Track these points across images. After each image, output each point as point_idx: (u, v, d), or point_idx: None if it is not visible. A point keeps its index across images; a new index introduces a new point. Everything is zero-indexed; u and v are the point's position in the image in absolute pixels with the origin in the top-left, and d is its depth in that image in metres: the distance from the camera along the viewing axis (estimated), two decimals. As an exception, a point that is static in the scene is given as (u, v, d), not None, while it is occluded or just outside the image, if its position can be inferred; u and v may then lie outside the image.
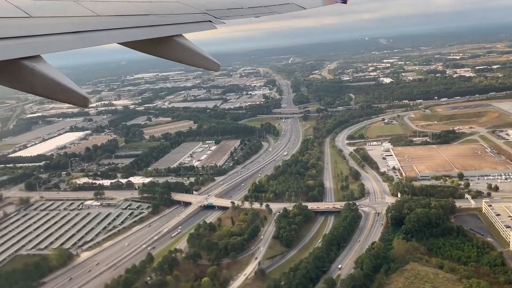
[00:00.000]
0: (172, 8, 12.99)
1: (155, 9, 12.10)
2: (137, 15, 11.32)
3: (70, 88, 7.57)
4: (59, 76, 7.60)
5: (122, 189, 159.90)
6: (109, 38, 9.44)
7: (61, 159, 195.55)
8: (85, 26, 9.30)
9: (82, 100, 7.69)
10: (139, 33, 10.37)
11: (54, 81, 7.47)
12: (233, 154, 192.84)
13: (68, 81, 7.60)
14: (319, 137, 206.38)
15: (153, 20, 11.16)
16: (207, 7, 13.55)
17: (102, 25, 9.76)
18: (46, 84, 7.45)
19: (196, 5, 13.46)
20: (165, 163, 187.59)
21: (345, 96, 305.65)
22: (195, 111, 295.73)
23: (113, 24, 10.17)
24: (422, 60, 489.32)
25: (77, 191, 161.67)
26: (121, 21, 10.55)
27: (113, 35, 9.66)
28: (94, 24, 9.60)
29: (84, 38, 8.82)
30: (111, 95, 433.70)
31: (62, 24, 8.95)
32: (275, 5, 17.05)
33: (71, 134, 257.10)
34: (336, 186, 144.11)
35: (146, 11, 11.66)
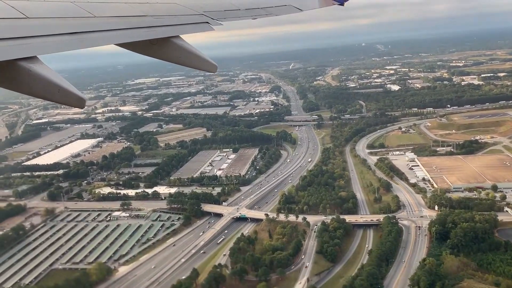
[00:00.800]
0: (169, 9, 13.07)
1: (152, 10, 12.20)
2: (135, 16, 11.45)
3: (66, 89, 7.67)
4: (56, 77, 7.67)
5: (148, 199, 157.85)
6: (106, 39, 9.50)
7: (80, 168, 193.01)
8: (82, 27, 9.37)
9: (79, 101, 7.82)
10: (136, 34, 10.49)
11: (51, 82, 7.52)
12: (254, 163, 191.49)
13: (65, 82, 7.69)
14: (338, 146, 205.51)
15: (151, 21, 11.32)
16: (204, 9, 13.68)
17: (99, 26, 9.84)
18: (43, 85, 7.51)
19: (193, 7, 13.59)
20: (186, 172, 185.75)
21: (356, 104, 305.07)
22: (206, 118, 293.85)
23: (111, 25, 10.25)
24: (425, 67, 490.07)
25: (102, 201, 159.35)
26: (119, 22, 10.63)
27: (110, 36, 9.72)
28: (91, 25, 9.67)
29: (81, 39, 8.88)
30: (116, 100, 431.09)
31: (59, 25, 9.02)
32: (272, 6, 17.29)
33: (83, 141, 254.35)
34: (367, 198, 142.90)
35: (144, 12, 11.79)
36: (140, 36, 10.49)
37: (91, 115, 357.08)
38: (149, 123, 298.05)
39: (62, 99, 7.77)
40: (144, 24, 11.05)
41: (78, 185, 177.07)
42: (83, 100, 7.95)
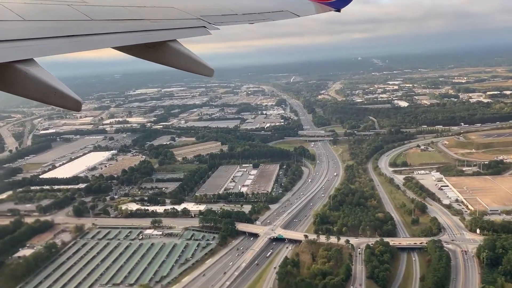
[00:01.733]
0: (166, 13, 13.15)
1: (149, 14, 12.28)
2: (132, 19, 11.42)
3: (63, 92, 7.69)
4: (53, 80, 7.68)
5: (177, 216, 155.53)
6: (103, 42, 9.53)
7: (102, 183, 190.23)
8: (79, 30, 9.43)
9: (75, 103, 7.88)
10: (133, 38, 10.48)
11: (47, 85, 7.54)
12: (278, 180, 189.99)
13: (61, 85, 7.72)
14: (360, 163, 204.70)
15: (148, 25, 11.37)
16: (201, 13, 13.76)
17: (96, 29, 9.87)
18: (39, 87, 7.53)
19: (191, 11, 13.67)
20: (211, 188, 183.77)
21: (367, 119, 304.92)
22: (219, 132, 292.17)
23: (107, 28, 10.22)
24: (427, 82, 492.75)
25: (130, 217, 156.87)
26: (115, 26, 10.58)
27: (107, 39, 9.73)
28: (88, 28, 9.71)
29: (78, 42, 8.90)
30: (121, 111, 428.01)
31: (56, 28, 9.03)
32: (269, 12, 17.46)
33: (97, 154, 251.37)
34: (403, 219, 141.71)
35: (141, 16, 11.82)
36: (137, 40, 10.54)
37: (99, 126, 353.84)
38: (161, 136, 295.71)
39: (58, 102, 7.78)
40: (141, 27, 11.14)
41: (102, 201, 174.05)
42: (79, 103, 8.00)
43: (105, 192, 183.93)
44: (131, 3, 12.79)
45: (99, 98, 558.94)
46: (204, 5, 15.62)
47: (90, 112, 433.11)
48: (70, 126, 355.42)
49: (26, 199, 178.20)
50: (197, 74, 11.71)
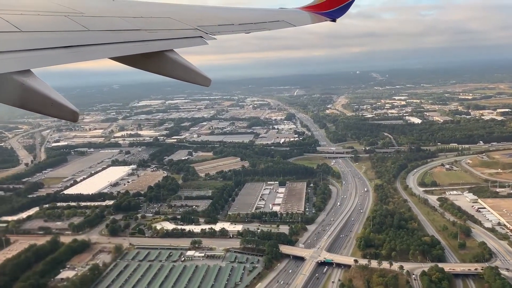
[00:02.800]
0: (163, 23, 13.28)
1: (146, 24, 12.36)
2: (129, 30, 11.49)
3: (60, 103, 7.67)
4: (49, 91, 7.69)
5: (215, 236, 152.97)
6: (100, 52, 9.50)
7: (130, 200, 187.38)
8: (77, 40, 9.41)
9: (72, 114, 7.81)
10: (130, 48, 10.57)
11: (44, 95, 7.56)
12: (309, 199, 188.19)
13: (58, 96, 7.72)
14: (388, 182, 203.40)
15: (145, 35, 11.47)
16: (198, 23, 13.91)
17: (94, 40, 9.89)
18: (37, 98, 7.54)
19: (187, 21, 13.80)
20: (242, 206, 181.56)
21: (383, 136, 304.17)
22: (236, 147, 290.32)
23: (105, 39, 10.28)
24: (433, 98, 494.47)
25: (166, 237, 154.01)
26: (113, 36, 10.68)
27: (105, 50, 9.73)
28: (85, 39, 9.73)
29: (75, 52, 8.88)
30: (130, 124, 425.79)
31: (53, 39, 9.06)
32: (265, 22, 17.74)
33: (117, 169, 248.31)
34: (448, 243, 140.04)
35: (138, 26, 11.89)
36: (134, 50, 10.59)
37: (110, 139, 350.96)
38: (177, 150, 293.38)
39: (55, 113, 7.74)
40: (138, 38, 11.21)
41: (134, 219, 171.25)
42: (77, 113, 7.90)
43: (134, 210, 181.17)
44: (128, 13, 13.01)
45: (104, 110, 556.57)
46: (201, 15, 15.91)
47: (98, 124, 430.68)
48: (81, 139, 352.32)
49: (55, 216, 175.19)
50: (195, 83, 11.74)
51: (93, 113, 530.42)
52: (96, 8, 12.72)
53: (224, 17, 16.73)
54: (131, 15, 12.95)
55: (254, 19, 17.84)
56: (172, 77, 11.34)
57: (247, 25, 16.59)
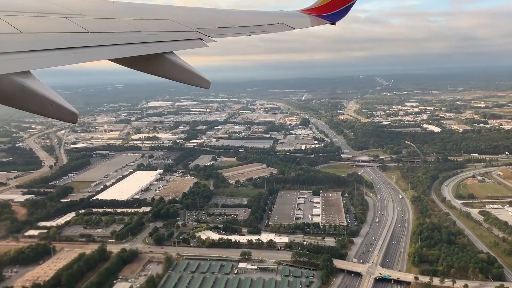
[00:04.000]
0: (163, 25, 13.36)
1: (146, 26, 12.45)
2: (128, 32, 11.52)
3: (59, 104, 7.80)
4: (49, 92, 7.82)
5: (262, 248, 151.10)
6: (99, 54, 9.53)
7: (169, 207, 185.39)
8: (76, 42, 9.46)
9: (71, 115, 7.99)
10: (130, 50, 10.60)
11: (43, 97, 7.68)
12: (349, 210, 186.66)
13: (58, 97, 7.85)
14: (424, 194, 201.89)
15: (144, 37, 11.49)
16: (198, 25, 13.96)
17: (93, 41, 9.91)
18: (36, 100, 7.66)
19: (187, 23, 13.85)
20: (281, 216, 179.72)
21: (405, 144, 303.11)
22: (259, 153, 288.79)
23: (104, 40, 10.26)
24: (446, 106, 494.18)
25: (212, 247, 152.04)
26: (112, 38, 10.65)
27: (104, 52, 9.73)
28: (84, 40, 9.75)
29: (74, 54, 8.95)
30: (145, 126, 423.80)
31: (53, 40, 9.08)
32: (265, 24, 17.72)
33: (144, 173, 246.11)
34: (503, 260, 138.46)
35: (137, 28, 11.96)
36: (133, 52, 10.62)
37: (129, 142, 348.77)
38: (200, 155, 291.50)
39: (54, 114, 7.84)
40: (138, 40, 11.21)
41: (176, 227, 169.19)
42: (76, 115, 8.01)
43: (173, 217, 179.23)
44: (127, 15, 12.99)
45: (114, 110, 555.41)
46: (201, 17, 15.88)
47: (112, 125, 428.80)
48: (99, 141, 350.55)
49: (93, 222, 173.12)
50: (194, 86, 11.75)
51: (104, 113, 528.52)
52: (95, 10, 12.82)
53: (224, 19, 16.66)
54: (131, 17, 13.04)
55: (254, 22, 17.80)
56: (172, 79, 11.45)
57: (247, 28, 16.61)
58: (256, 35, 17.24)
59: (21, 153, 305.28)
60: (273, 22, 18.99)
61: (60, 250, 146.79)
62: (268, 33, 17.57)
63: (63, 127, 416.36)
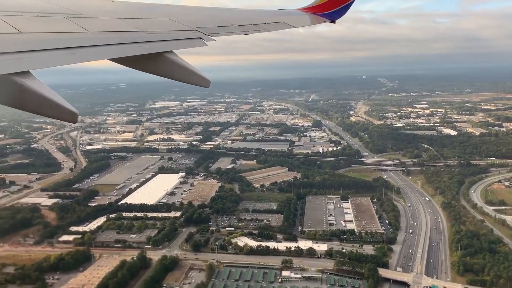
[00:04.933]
0: (162, 24, 13.34)
1: (145, 25, 12.39)
2: (128, 31, 11.49)
3: (59, 104, 7.77)
4: (48, 92, 7.78)
5: (301, 255, 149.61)
6: (99, 54, 9.54)
7: (200, 212, 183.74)
8: (76, 42, 9.46)
9: (71, 115, 7.94)
10: (129, 49, 10.59)
11: (43, 97, 7.65)
12: (382, 216, 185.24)
13: (57, 97, 7.82)
14: (453, 199, 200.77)
15: (144, 37, 11.48)
16: (198, 24, 13.96)
17: (93, 41, 9.90)
18: (36, 100, 7.64)
19: (187, 22, 13.84)
20: (314, 223, 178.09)
21: (423, 147, 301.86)
22: (278, 156, 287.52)
23: (104, 40, 10.24)
24: (457, 108, 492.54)
25: (251, 254, 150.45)
26: (112, 37, 10.61)
27: (104, 51, 9.75)
28: (84, 40, 9.75)
29: (74, 54, 8.96)
30: (157, 127, 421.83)
31: (52, 40, 9.11)
32: (264, 23, 17.75)
33: (166, 176, 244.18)
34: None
35: (137, 27, 11.92)
36: (133, 51, 10.59)
37: (144, 143, 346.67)
38: (218, 157, 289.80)
39: (54, 114, 7.80)
40: (137, 39, 11.22)
41: (210, 233, 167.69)
42: (76, 114, 7.98)
43: (205, 223, 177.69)
44: (127, 14, 12.92)
45: (123, 110, 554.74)
46: (200, 16, 15.89)
47: (124, 126, 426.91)
48: (113, 142, 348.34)
49: (125, 227, 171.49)
50: (194, 85, 11.75)
51: (113, 114, 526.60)
52: (95, 9, 12.74)
53: (223, 18, 16.65)
54: (130, 16, 12.98)
55: (254, 20, 17.79)
56: (172, 78, 11.42)
57: (246, 26, 16.54)
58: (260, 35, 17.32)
59: (38, 154, 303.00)
60: (273, 20, 18.95)
61: (99, 257, 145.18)
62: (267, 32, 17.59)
63: (75, 128, 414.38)
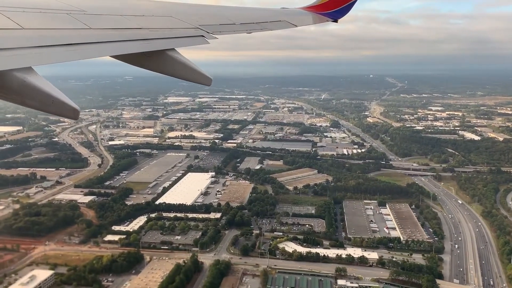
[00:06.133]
0: (165, 22, 13.36)
1: (148, 23, 12.45)
2: (130, 28, 11.48)
3: (61, 100, 7.75)
4: (50, 88, 7.76)
5: (353, 263, 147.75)
6: (101, 51, 9.54)
7: (241, 214, 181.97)
8: (77, 38, 9.47)
9: (73, 112, 7.86)
10: (131, 47, 10.57)
11: (45, 93, 7.64)
12: (424, 224, 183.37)
13: (59, 93, 7.80)
14: (492, 208, 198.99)
15: (146, 34, 11.48)
16: (200, 22, 13.91)
17: (95, 38, 9.94)
18: (37, 96, 7.65)
19: (189, 20, 13.81)
20: (358, 229, 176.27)
21: (451, 153, 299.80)
22: (304, 157, 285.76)
23: (106, 37, 10.30)
24: (472, 111, 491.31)
25: (300, 261, 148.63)
26: (114, 34, 10.67)
27: (106, 48, 9.77)
28: (86, 37, 9.80)
29: (76, 50, 8.99)
30: (175, 123, 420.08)
31: (54, 37, 9.10)
32: (267, 22, 17.88)
33: (196, 176, 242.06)
34: None
35: (139, 25, 11.92)
36: (135, 49, 10.56)
37: (165, 140, 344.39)
38: (245, 157, 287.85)
39: (56, 110, 7.79)
40: (139, 36, 11.19)
41: (255, 236, 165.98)
42: (77, 111, 7.90)
43: (246, 225, 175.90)
44: (129, 12, 12.95)
45: (136, 105, 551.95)
46: (202, 14, 15.76)
47: (142, 122, 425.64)
48: (134, 138, 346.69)
49: (169, 228, 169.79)
50: (196, 83, 11.78)
51: (127, 108, 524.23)
52: (97, 6, 12.58)
53: (226, 16, 16.59)
54: (133, 13, 12.95)
55: (256, 19, 17.78)
56: (173, 76, 11.43)
57: (248, 25, 16.54)
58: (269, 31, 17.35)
59: (61, 148, 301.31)
60: (275, 19, 18.96)
61: (151, 259, 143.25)
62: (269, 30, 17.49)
63: (93, 122, 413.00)
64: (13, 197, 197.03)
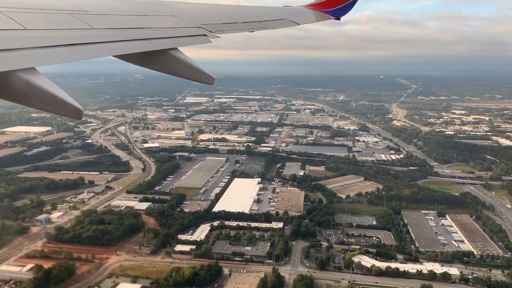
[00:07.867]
0: (167, 21, 13.48)
1: (150, 22, 12.45)
2: (133, 28, 11.51)
3: (64, 100, 7.63)
4: (54, 88, 7.63)
5: (434, 279, 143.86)
6: (104, 50, 9.47)
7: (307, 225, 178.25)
8: (80, 38, 9.44)
9: (76, 112, 7.73)
10: (134, 46, 10.52)
11: (48, 93, 7.54)
12: (492, 237, 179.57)
13: (62, 93, 7.69)
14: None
15: (148, 34, 11.44)
16: (202, 22, 14.07)
17: (97, 37, 9.85)
18: (41, 96, 7.54)
19: (191, 19, 13.97)
20: (427, 242, 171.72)
21: (492, 160, 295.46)
22: (346, 163, 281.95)
23: (108, 37, 10.24)
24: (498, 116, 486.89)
25: (380, 276, 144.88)
26: (116, 34, 10.61)
27: (108, 48, 9.71)
28: (89, 37, 9.73)
29: (79, 50, 8.93)
30: (203, 125, 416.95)
31: (58, 37, 9.05)
32: (269, 20, 18.11)
33: (243, 182, 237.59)
34: None
35: (142, 24, 11.95)
36: (138, 48, 10.51)
37: (198, 143, 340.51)
38: (285, 162, 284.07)
39: (59, 110, 7.67)
40: (142, 36, 11.14)
41: (325, 249, 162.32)
42: (81, 111, 7.85)
43: (311, 236, 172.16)
44: (132, 12, 13.13)
45: (157, 105, 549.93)
46: (205, 13, 15.84)
47: (169, 123, 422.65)
48: (167, 140, 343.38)
49: (235, 238, 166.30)
50: (198, 82, 11.84)
51: (150, 108, 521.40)
52: (100, 6, 12.55)
53: (228, 15, 16.48)
54: (135, 13, 13.06)
55: (258, 17, 17.62)
56: (176, 75, 11.34)
57: (251, 24, 16.33)
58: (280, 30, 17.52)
59: (98, 151, 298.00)
60: (277, 17, 18.77)
61: (231, 273, 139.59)
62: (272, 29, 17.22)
63: (120, 123, 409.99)
64: (68, 202, 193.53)
